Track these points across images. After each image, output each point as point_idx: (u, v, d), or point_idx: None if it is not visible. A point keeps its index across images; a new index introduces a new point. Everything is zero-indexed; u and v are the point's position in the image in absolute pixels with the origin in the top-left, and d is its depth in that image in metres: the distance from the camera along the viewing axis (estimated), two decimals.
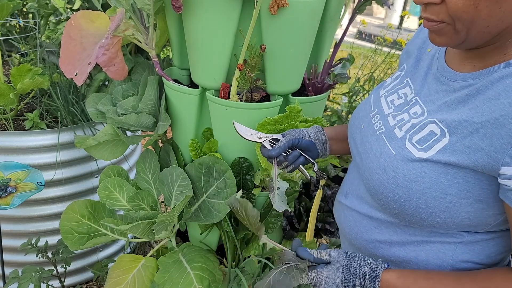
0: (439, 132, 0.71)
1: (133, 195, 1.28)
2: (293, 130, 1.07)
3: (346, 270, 0.79)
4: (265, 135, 1.05)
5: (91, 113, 1.34)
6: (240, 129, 1.07)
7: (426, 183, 0.71)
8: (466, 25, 0.65)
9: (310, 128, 1.09)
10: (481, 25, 0.64)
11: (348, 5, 1.31)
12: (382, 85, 0.95)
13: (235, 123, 1.07)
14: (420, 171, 0.72)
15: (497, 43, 0.68)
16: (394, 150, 0.77)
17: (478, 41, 0.68)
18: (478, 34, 0.66)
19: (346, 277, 0.78)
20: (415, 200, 0.73)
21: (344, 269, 0.79)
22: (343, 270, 0.79)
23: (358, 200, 0.88)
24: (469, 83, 0.71)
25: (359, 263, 0.79)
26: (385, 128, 0.82)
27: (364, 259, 0.80)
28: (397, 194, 0.75)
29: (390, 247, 0.82)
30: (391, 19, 10.08)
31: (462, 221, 0.72)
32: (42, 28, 2.07)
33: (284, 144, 1.01)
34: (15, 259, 1.81)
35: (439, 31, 0.69)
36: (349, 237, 0.91)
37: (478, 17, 0.63)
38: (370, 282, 0.77)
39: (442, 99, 0.74)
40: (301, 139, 1.03)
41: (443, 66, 0.77)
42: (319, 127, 1.08)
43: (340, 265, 0.79)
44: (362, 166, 0.86)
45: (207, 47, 1.15)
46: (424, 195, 0.72)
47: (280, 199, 1.02)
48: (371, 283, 0.77)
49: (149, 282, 1.24)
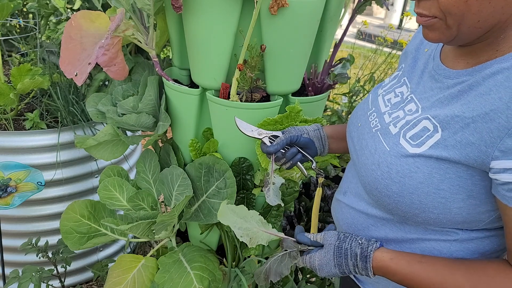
0: (432, 128, 0.72)
1: (133, 195, 1.29)
2: (292, 127, 1.09)
3: (337, 252, 0.81)
4: (265, 132, 1.08)
5: (91, 113, 1.34)
6: (241, 125, 1.09)
7: (419, 178, 0.72)
8: (457, 20, 0.66)
9: (309, 126, 1.10)
10: (472, 20, 0.65)
11: (348, 5, 1.31)
12: (380, 85, 0.96)
13: (237, 119, 1.10)
14: (413, 167, 0.73)
15: (489, 39, 0.69)
16: (388, 146, 0.78)
17: (469, 36, 0.69)
18: (469, 29, 0.67)
19: (338, 259, 0.81)
20: (408, 195, 0.73)
21: (335, 251, 0.81)
22: (334, 252, 0.81)
23: (355, 198, 0.90)
24: (462, 80, 0.72)
25: (350, 244, 0.81)
26: (380, 125, 0.84)
27: (356, 239, 0.82)
28: (391, 190, 0.76)
29: (386, 245, 0.84)
30: (391, 19, 10.09)
31: (455, 217, 0.73)
32: (42, 28, 2.07)
33: (283, 141, 1.04)
34: (15, 259, 1.81)
35: (431, 26, 0.70)
36: None
37: (468, 12, 0.64)
38: (362, 262, 0.79)
39: (436, 95, 0.76)
40: (300, 137, 1.05)
41: (438, 64, 0.79)
42: (318, 125, 1.10)
43: (332, 248, 0.82)
44: (358, 162, 0.87)
45: (207, 47, 1.15)
46: (417, 190, 0.72)
47: (274, 194, 1.07)
48: (363, 263, 0.79)
49: (149, 282, 1.24)
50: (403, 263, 0.76)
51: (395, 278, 0.77)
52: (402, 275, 0.76)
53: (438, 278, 0.73)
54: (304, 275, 1.58)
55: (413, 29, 7.80)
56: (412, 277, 0.75)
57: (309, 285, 1.37)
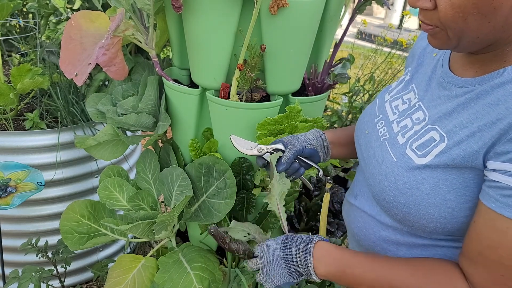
0: (439, 138, 0.72)
1: (133, 195, 1.28)
2: (293, 138, 1.03)
3: (285, 237, 0.86)
4: (265, 147, 1.01)
5: (91, 113, 1.34)
6: (239, 143, 1.03)
7: (426, 190, 0.72)
8: (456, 34, 0.66)
9: (311, 133, 1.06)
10: (471, 36, 0.65)
11: (348, 5, 1.31)
12: (387, 89, 0.95)
13: (232, 137, 1.04)
14: (420, 178, 0.73)
15: (496, 51, 0.69)
16: (395, 156, 0.78)
17: (471, 48, 0.69)
18: (469, 43, 0.67)
19: (285, 241, 0.85)
20: (416, 206, 0.73)
21: (285, 236, 0.87)
22: (283, 238, 0.86)
23: (367, 202, 0.89)
24: (471, 89, 0.71)
25: (300, 235, 0.86)
26: (389, 134, 0.83)
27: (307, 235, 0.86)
28: (398, 201, 0.75)
29: (397, 250, 0.83)
30: (391, 19, 10.09)
31: (463, 226, 0.72)
32: (42, 28, 2.07)
33: (290, 158, 0.98)
34: (15, 259, 1.81)
35: (434, 35, 0.70)
36: (357, 238, 0.92)
37: (467, 29, 0.64)
38: (304, 243, 0.82)
39: (444, 104, 0.75)
40: (304, 148, 1.01)
41: (446, 71, 0.78)
42: (320, 132, 1.07)
43: (283, 235, 0.87)
44: (366, 171, 0.87)
45: (207, 47, 1.15)
46: (424, 201, 0.72)
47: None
48: (305, 244, 0.82)
49: (149, 282, 1.24)
50: (350, 252, 0.79)
51: (335, 265, 0.78)
52: (343, 263, 0.78)
53: (377, 267, 0.75)
54: None
55: (413, 29, 7.80)
56: (353, 265, 0.77)
57: (309, 285, 1.37)
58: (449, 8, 0.63)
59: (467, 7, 0.62)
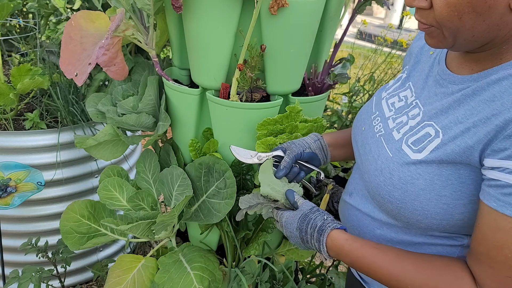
0: (434, 133, 0.73)
1: (133, 195, 1.28)
2: (292, 143, 1.05)
3: (302, 218, 0.87)
4: (265, 155, 1.04)
5: (91, 113, 1.34)
6: (239, 152, 1.06)
7: (421, 185, 0.72)
8: (452, 33, 0.67)
9: (309, 137, 1.08)
10: (467, 34, 0.66)
11: (348, 5, 1.31)
12: (384, 87, 0.96)
13: (232, 147, 1.07)
14: (415, 173, 0.73)
15: (492, 49, 0.69)
16: (391, 152, 0.78)
17: (467, 47, 0.69)
18: (464, 42, 0.67)
19: (301, 224, 0.86)
20: (411, 202, 0.74)
21: (301, 217, 0.87)
22: (301, 217, 0.87)
23: (362, 200, 0.89)
24: (467, 85, 0.72)
25: (316, 216, 0.86)
26: (384, 130, 0.84)
27: (323, 214, 0.86)
28: (393, 196, 0.76)
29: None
30: (391, 19, 10.09)
31: (458, 222, 0.73)
32: (42, 28, 2.07)
33: (289, 163, 1.00)
34: (15, 259, 1.81)
35: (430, 34, 0.71)
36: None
37: (462, 27, 0.65)
38: (318, 233, 0.83)
39: (440, 101, 0.75)
40: (303, 152, 1.03)
41: (443, 69, 0.78)
42: (317, 135, 1.08)
43: (300, 213, 0.88)
44: (362, 167, 0.88)
45: (207, 47, 1.15)
46: (419, 197, 0.72)
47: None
48: (318, 235, 0.83)
49: (149, 282, 1.24)
50: (357, 246, 0.78)
51: (347, 259, 0.79)
52: (353, 257, 0.78)
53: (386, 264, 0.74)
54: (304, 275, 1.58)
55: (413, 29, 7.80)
56: (363, 260, 0.76)
57: (309, 285, 1.37)
58: (444, 7, 0.64)
59: (462, 5, 0.62)
